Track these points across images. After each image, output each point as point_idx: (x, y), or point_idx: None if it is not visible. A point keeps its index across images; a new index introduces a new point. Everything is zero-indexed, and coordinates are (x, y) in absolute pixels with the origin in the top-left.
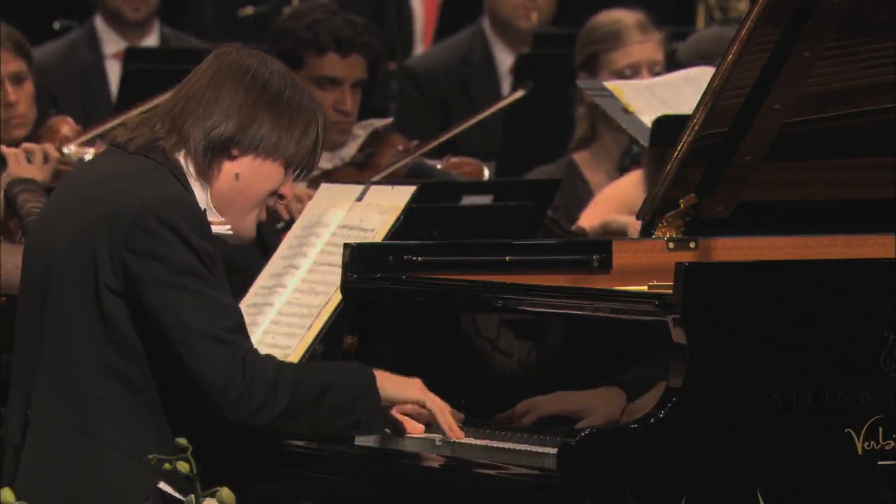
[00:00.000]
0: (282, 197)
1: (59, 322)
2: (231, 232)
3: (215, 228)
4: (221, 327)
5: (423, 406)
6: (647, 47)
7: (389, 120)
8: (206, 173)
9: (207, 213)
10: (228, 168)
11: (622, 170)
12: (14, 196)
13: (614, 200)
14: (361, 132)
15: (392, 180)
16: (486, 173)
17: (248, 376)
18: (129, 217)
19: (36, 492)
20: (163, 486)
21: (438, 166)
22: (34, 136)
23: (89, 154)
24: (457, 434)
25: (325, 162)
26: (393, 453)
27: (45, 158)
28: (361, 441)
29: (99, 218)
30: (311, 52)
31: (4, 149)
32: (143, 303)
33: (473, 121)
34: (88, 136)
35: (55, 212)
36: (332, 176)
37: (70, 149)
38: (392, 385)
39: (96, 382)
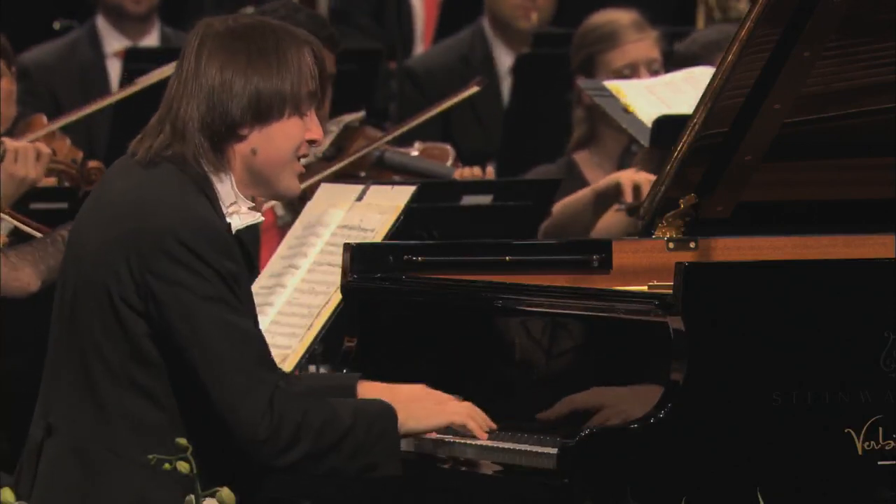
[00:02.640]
0: (313, 142)
1: (86, 336)
2: (262, 218)
3: (245, 220)
4: (251, 360)
5: (452, 426)
6: (643, 46)
7: (361, 114)
8: (223, 164)
9: (238, 202)
10: (242, 148)
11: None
12: None
13: None
14: (334, 128)
15: (389, 181)
16: (452, 154)
17: (276, 419)
18: (152, 239)
19: (54, 501)
20: None
21: (414, 153)
22: (11, 134)
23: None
24: (488, 428)
25: None
26: None
27: (38, 156)
28: None
29: (123, 235)
30: None
31: (7, 141)
32: (170, 327)
33: (426, 116)
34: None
35: (84, 227)
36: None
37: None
38: (416, 418)
39: (121, 397)
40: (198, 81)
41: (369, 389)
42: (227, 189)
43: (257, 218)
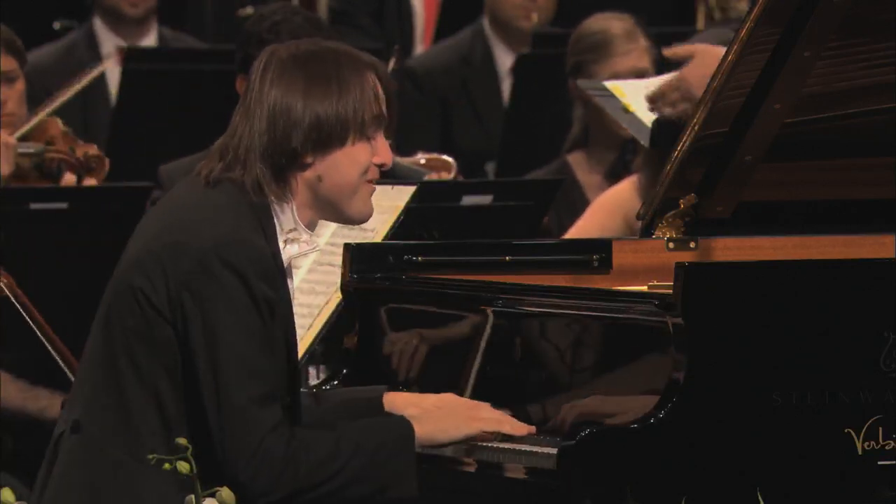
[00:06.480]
0: (382, 165)
1: (119, 340)
2: (318, 249)
3: (303, 249)
4: (253, 397)
5: (482, 435)
6: (630, 58)
7: None
8: (285, 193)
9: (298, 230)
10: (307, 176)
11: (615, 173)
12: None
13: (611, 207)
14: None
15: (389, 181)
16: (455, 167)
17: (259, 463)
18: (194, 254)
19: (68, 497)
20: None
21: (422, 161)
22: (23, 136)
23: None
24: (527, 429)
25: None
26: None
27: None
28: None
29: (165, 247)
30: None
31: None
32: (190, 343)
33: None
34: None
35: (135, 237)
36: None
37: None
38: (444, 430)
39: (146, 403)
40: (260, 107)
41: (396, 400)
42: (287, 217)
43: (315, 247)
